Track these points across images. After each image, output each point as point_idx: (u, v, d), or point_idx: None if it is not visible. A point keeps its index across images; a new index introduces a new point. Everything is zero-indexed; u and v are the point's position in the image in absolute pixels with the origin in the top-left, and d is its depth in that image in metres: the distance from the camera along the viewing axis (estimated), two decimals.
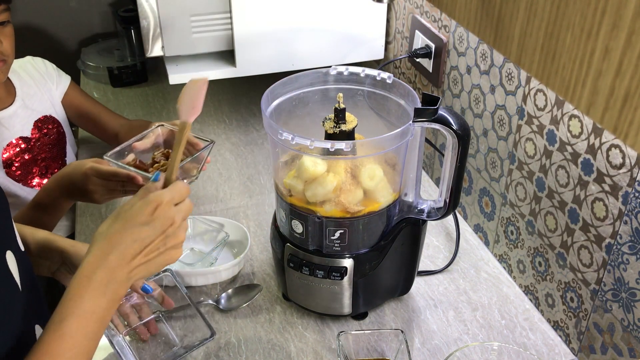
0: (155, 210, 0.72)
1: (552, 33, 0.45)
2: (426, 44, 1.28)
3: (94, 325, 0.67)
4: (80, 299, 0.67)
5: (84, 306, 0.67)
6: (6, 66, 1.26)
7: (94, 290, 0.68)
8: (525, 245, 1.08)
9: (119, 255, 0.69)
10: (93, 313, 0.67)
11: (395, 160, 0.93)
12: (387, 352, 0.92)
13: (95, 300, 0.67)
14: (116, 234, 0.70)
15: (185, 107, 0.78)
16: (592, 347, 0.95)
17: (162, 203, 0.73)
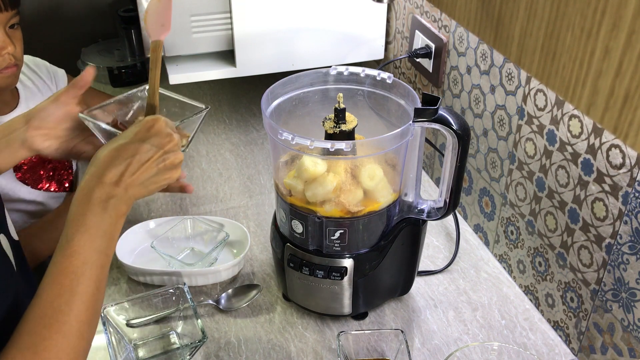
0: (152, 127, 0.72)
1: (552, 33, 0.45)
2: (426, 44, 1.28)
3: (101, 240, 0.67)
4: (83, 217, 0.67)
5: (88, 222, 0.67)
6: (18, 70, 1.25)
7: (94, 207, 0.68)
8: (525, 245, 1.08)
9: (116, 172, 0.69)
10: (98, 228, 0.67)
11: (395, 160, 0.93)
12: (387, 352, 0.92)
13: (97, 216, 0.68)
14: (113, 152, 0.70)
15: (153, 25, 0.76)
16: (592, 347, 0.95)
17: (159, 120, 0.73)
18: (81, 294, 0.65)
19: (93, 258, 0.66)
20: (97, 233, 0.67)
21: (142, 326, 0.98)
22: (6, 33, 1.18)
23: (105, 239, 0.68)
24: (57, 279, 0.65)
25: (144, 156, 0.71)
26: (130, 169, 0.70)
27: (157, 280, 1.07)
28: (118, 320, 0.96)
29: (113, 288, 1.08)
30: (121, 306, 0.97)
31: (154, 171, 0.72)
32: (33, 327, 0.63)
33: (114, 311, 0.96)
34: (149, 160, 0.71)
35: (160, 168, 0.72)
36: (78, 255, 0.65)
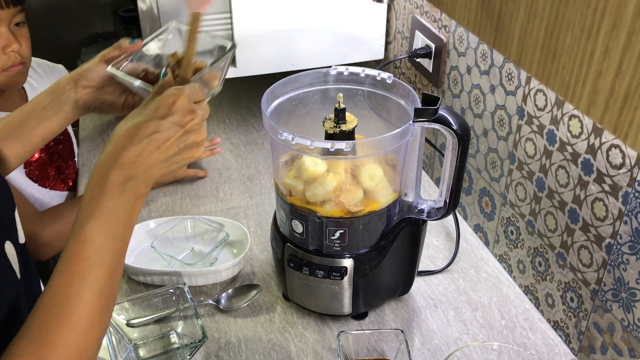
0: (174, 104, 0.68)
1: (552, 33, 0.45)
2: (426, 44, 1.28)
3: (117, 225, 0.64)
4: (98, 200, 0.64)
5: (103, 207, 0.63)
6: (25, 69, 1.25)
7: (110, 190, 0.64)
8: (525, 245, 1.08)
9: (134, 152, 0.65)
10: (114, 213, 0.64)
11: (396, 160, 0.93)
12: (387, 352, 0.92)
13: (113, 200, 0.64)
14: (131, 130, 0.66)
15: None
16: (592, 347, 0.95)
17: (182, 95, 0.68)
18: (93, 283, 0.62)
19: (108, 245, 0.63)
20: (113, 218, 0.63)
21: (142, 326, 0.98)
22: (10, 31, 1.18)
23: (121, 224, 0.64)
24: (68, 267, 0.62)
25: (164, 135, 0.66)
26: (149, 148, 0.66)
27: (157, 280, 1.07)
28: (118, 320, 0.96)
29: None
30: (121, 306, 0.97)
31: (175, 150, 0.67)
32: (41, 316, 0.60)
33: (114, 311, 0.96)
34: (170, 140, 0.67)
35: (182, 147, 0.68)
36: (91, 242, 0.62)
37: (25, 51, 1.22)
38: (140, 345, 0.97)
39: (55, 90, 0.88)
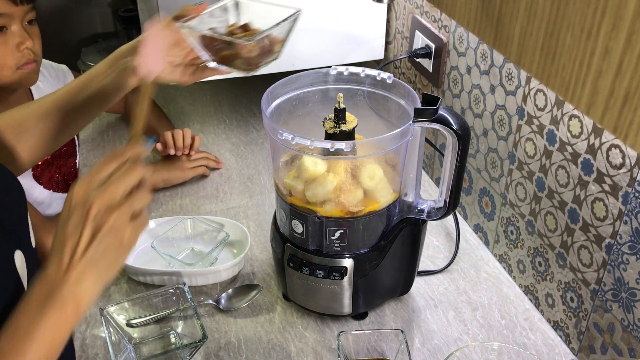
0: (72, 200, 0.60)
1: (552, 33, 0.45)
2: (426, 44, 1.28)
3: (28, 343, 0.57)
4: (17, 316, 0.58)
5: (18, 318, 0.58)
6: (37, 66, 1.25)
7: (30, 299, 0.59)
8: (525, 245, 1.08)
9: (55, 262, 0.60)
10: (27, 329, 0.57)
11: (396, 160, 0.93)
12: (387, 352, 0.92)
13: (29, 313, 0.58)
14: (55, 237, 0.61)
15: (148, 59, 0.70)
16: (592, 347, 0.95)
17: (73, 191, 0.60)
18: None
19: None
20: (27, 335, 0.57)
21: (142, 326, 0.98)
22: (23, 28, 1.18)
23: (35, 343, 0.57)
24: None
25: (71, 239, 0.59)
26: (66, 259, 0.59)
27: (157, 280, 1.07)
28: (118, 320, 0.96)
29: (113, 288, 1.08)
30: (121, 306, 0.97)
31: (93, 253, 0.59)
32: None
33: (114, 311, 0.96)
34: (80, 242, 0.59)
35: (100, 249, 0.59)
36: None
37: (37, 49, 1.23)
38: (140, 345, 0.97)
39: (116, 57, 0.86)
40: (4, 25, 1.14)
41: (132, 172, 0.62)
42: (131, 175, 0.62)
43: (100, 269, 0.60)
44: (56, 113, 0.87)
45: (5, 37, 1.14)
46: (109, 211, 0.60)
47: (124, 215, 0.60)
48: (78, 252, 0.59)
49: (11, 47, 1.16)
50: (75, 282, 0.59)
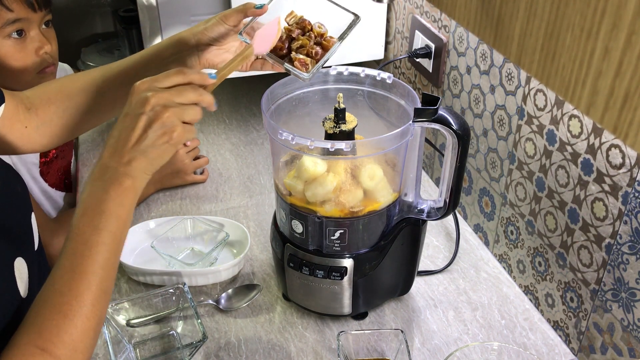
0: (132, 95, 0.69)
1: (552, 33, 0.45)
2: (426, 44, 1.28)
3: (101, 217, 0.66)
4: (83, 195, 0.67)
5: (87, 201, 0.66)
6: (55, 69, 1.25)
7: (93, 184, 0.67)
8: (525, 245, 1.08)
9: (109, 149, 0.68)
10: (98, 206, 0.66)
11: (395, 160, 0.93)
12: (387, 352, 0.92)
13: (95, 194, 0.66)
14: (115, 126, 0.70)
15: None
16: (592, 347, 0.95)
17: (136, 84, 0.69)
18: (82, 274, 0.65)
19: (93, 237, 0.65)
20: (96, 211, 0.66)
21: (142, 326, 0.98)
22: (41, 32, 1.18)
23: (105, 216, 0.66)
24: (61, 260, 0.65)
25: (129, 128, 0.67)
26: (122, 144, 0.67)
27: (157, 280, 1.07)
28: (118, 320, 0.96)
29: (113, 288, 1.08)
30: (121, 306, 0.97)
31: (147, 143, 0.67)
32: (40, 308, 0.64)
33: (114, 311, 0.96)
34: (134, 131, 0.67)
35: (153, 139, 0.67)
36: (77, 237, 0.65)
37: (54, 52, 1.23)
38: (140, 345, 0.97)
39: (178, 45, 0.88)
40: (23, 30, 1.15)
41: (194, 90, 0.70)
42: (191, 92, 0.69)
43: (149, 158, 0.68)
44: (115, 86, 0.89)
45: (24, 42, 1.15)
46: (164, 108, 0.67)
47: (177, 115, 0.68)
48: (132, 140, 0.67)
49: (31, 52, 1.16)
50: (127, 164, 0.66)
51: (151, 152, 0.68)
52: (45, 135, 0.89)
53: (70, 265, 0.65)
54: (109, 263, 0.67)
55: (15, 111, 0.84)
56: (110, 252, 0.67)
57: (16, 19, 1.11)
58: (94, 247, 0.65)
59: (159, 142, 0.68)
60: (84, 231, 0.66)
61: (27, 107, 0.86)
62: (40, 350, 0.61)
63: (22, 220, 0.77)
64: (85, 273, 0.65)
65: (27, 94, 0.88)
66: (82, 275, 0.64)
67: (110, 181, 0.66)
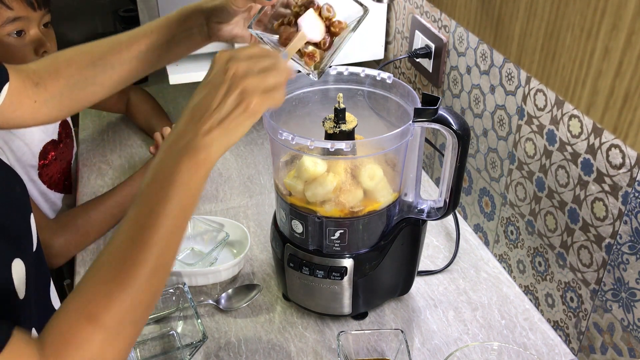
0: (213, 64, 0.68)
1: (552, 33, 0.45)
2: (426, 44, 1.28)
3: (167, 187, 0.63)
4: (153, 163, 0.66)
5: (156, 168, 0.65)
6: None
7: (164, 152, 0.65)
8: (525, 245, 1.08)
9: (187, 117, 0.66)
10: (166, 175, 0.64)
11: (395, 160, 0.93)
12: (387, 352, 0.92)
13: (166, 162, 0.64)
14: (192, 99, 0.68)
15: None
16: (592, 347, 0.95)
17: (218, 54, 0.68)
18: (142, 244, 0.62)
19: (159, 207, 0.63)
20: (165, 180, 0.63)
21: None
22: (40, 32, 1.19)
23: (175, 187, 0.63)
24: (122, 227, 0.63)
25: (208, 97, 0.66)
26: (199, 113, 0.65)
27: None
28: None
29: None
30: None
31: (224, 113, 0.65)
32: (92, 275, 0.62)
33: None
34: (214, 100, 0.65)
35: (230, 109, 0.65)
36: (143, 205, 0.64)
37: (54, 52, 1.23)
38: (140, 345, 0.97)
39: (186, 22, 0.88)
40: (23, 29, 1.15)
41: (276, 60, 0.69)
42: (273, 61, 0.69)
43: (226, 129, 0.65)
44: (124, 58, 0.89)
45: (24, 41, 1.16)
46: (243, 77, 0.66)
47: (256, 83, 0.66)
48: (210, 108, 0.65)
49: (30, 52, 1.17)
50: (204, 134, 0.64)
51: (229, 123, 0.65)
52: (55, 108, 0.88)
53: (131, 234, 0.63)
54: (172, 236, 0.64)
55: (23, 87, 0.83)
56: (174, 225, 0.64)
57: (16, 18, 1.12)
58: (158, 218, 0.62)
59: (237, 112, 0.66)
60: (150, 200, 0.63)
61: (35, 82, 0.85)
62: (86, 318, 0.59)
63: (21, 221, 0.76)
64: (146, 244, 0.62)
65: (34, 67, 0.87)
66: (142, 245, 0.62)
67: (184, 151, 0.64)
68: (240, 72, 0.66)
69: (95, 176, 1.39)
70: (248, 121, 0.66)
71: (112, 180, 1.37)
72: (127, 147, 1.50)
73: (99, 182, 1.37)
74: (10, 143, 1.19)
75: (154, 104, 1.55)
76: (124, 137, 1.54)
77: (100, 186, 1.36)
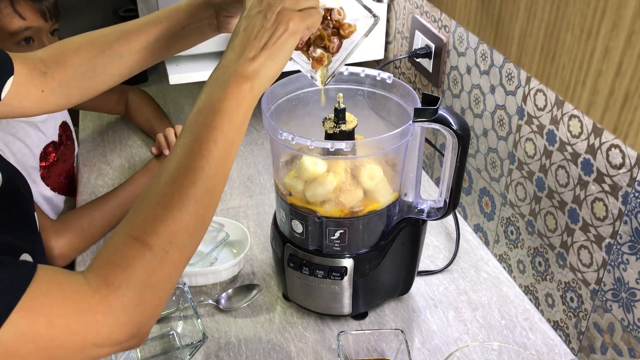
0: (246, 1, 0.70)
1: (552, 33, 0.45)
2: (426, 44, 1.28)
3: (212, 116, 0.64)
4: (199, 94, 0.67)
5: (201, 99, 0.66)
6: None
7: (209, 84, 0.66)
8: (525, 245, 1.08)
9: (229, 51, 0.68)
10: (211, 104, 0.65)
11: (395, 160, 0.93)
12: (387, 352, 0.92)
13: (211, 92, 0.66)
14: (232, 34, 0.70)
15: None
16: (592, 347, 0.95)
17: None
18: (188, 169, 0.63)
19: (204, 134, 0.64)
20: (210, 109, 0.64)
21: None
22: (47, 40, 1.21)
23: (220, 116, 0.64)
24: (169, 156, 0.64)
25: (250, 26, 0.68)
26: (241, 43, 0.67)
27: None
28: None
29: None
30: None
31: (266, 39, 0.67)
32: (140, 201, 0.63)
33: None
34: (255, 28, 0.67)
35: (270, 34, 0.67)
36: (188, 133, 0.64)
37: None
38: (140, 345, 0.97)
39: (196, 15, 0.88)
40: (32, 38, 1.18)
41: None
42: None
43: (270, 51, 0.67)
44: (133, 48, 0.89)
45: (31, 49, 1.18)
46: (280, 2, 0.68)
47: (292, 4, 0.68)
48: (251, 36, 0.67)
49: None
50: (249, 61, 0.66)
51: (272, 44, 0.67)
52: (63, 97, 0.88)
53: (178, 160, 0.63)
54: (218, 162, 0.65)
55: (29, 76, 0.83)
56: (220, 152, 0.65)
57: (27, 27, 1.16)
58: (203, 144, 0.63)
59: (278, 32, 0.67)
60: (195, 127, 0.64)
61: (43, 71, 0.85)
62: (132, 238, 0.60)
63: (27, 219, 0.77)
64: (192, 168, 0.63)
65: (41, 55, 0.86)
66: (188, 169, 0.62)
67: (228, 81, 0.66)
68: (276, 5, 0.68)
69: (95, 176, 1.39)
70: (290, 40, 0.68)
71: (112, 180, 1.37)
72: (127, 147, 1.50)
73: (99, 182, 1.37)
74: (10, 145, 1.19)
75: (154, 105, 1.55)
76: (124, 137, 1.54)
77: (100, 186, 1.36)
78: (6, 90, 0.79)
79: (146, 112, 1.53)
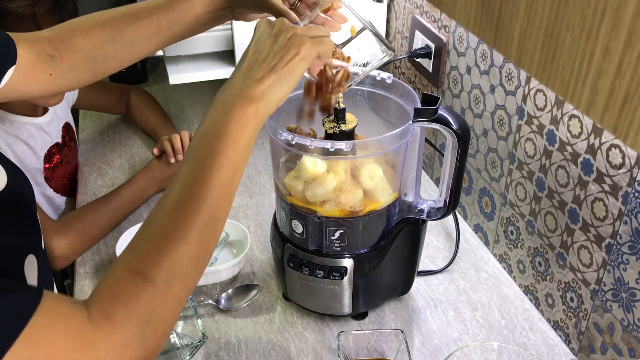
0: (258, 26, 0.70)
1: (552, 33, 0.45)
2: (426, 44, 1.28)
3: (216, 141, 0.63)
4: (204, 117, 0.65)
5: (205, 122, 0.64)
6: None
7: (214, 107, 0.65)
8: (525, 245, 1.08)
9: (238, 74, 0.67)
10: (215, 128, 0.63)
11: (395, 160, 0.93)
12: (387, 352, 0.92)
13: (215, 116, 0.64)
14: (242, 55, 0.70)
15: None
16: (592, 347, 0.95)
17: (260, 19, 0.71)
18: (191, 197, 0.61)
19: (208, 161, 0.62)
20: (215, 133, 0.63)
21: None
22: None
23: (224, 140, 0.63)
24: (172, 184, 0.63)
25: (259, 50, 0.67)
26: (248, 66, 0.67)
27: None
28: None
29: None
30: None
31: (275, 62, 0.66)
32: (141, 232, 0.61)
33: None
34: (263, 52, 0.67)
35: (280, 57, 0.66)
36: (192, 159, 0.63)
37: None
38: None
39: (211, 8, 0.88)
40: None
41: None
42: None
43: (279, 75, 0.66)
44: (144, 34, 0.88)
45: None
46: (291, 28, 0.68)
47: (304, 31, 0.69)
48: (259, 60, 0.67)
49: None
50: (256, 83, 0.65)
51: (281, 68, 0.66)
52: (72, 80, 0.87)
53: (180, 188, 0.61)
54: (223, 190, 0.63)
55: (37, 61, 0.82)
56: (224, 179, 0.63)
57: None
58: (207, 171, 0.62)
59: (288, 56, 0.66)
60: (199, 153, 0.63)
61: (51, 54, 0.83)
62: (134, 272, 0.58)
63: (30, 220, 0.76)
64: (195, 196, 0.61)
65: (48, 35, 0.84)
66: (191, 198, 0.61)
67: (233, 103, 0.64)
68: (287, 24, 0.69)
69: (96, 176, 1.39)
70: (301, 64, 0.67)
71: (112, 180, 1.37)
72: (127, 147, 1.50)
73: (99, 182, 1.37)
74: (13, 146, 1.19)
75: (155, 105, 1.55)
76: (124, 137, 1.54)
77: (100, 186, 1.36)
78: (5, 80, 0.77)
79: (148, 113, 1.53)
